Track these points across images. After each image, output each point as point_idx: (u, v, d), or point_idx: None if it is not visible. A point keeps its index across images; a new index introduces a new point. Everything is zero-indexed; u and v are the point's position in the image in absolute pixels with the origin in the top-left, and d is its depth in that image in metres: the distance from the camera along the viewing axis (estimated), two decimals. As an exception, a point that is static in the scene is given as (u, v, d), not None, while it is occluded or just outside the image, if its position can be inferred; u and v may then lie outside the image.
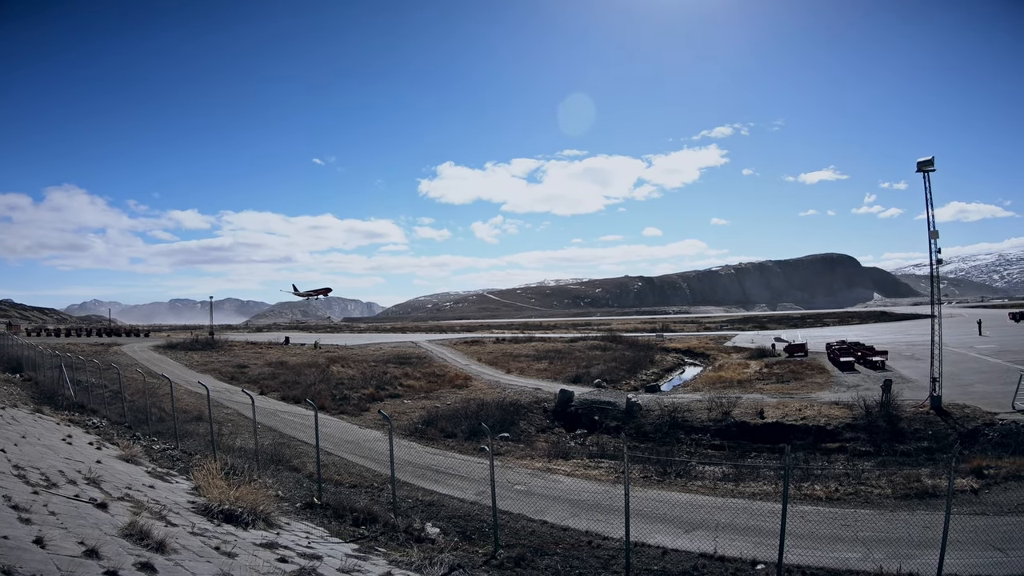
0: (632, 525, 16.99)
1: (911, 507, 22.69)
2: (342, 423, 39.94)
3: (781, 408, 40.28)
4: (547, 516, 21.51)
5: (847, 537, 19.60)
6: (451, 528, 19.59)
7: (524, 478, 27.57)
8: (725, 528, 20.03)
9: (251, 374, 61.57)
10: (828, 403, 40.83)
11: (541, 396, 48.23)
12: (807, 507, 22.87)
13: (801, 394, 45.23)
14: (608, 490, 24.27)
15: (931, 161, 38.24)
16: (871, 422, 35.88)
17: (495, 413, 41.42)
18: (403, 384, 54.48)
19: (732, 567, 17.00)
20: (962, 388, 42.48)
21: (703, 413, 40.30)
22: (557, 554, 17.67)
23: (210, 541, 11.40)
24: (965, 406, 37.37)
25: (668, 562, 17.29)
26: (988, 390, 41.77)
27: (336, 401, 46.09)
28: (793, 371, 56.92)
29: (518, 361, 71.90)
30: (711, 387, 51.01)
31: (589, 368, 63.86)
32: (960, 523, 19.59)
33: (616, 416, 42.16)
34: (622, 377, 61.61)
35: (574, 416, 43.80)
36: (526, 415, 43.90)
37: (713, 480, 27.87)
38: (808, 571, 16.66)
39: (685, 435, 38.45)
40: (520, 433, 40.23)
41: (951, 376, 44.49)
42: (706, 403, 41.58)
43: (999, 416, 34.99)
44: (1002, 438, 31.49)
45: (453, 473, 27.70)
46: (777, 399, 43.39)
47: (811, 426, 36.79)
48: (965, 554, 16.94)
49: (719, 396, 43.23)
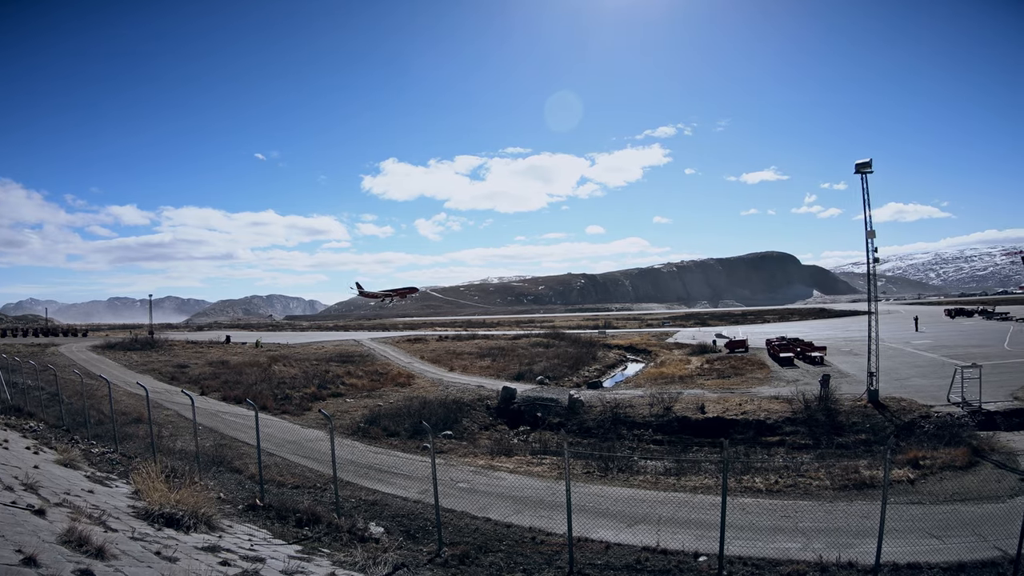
0: (575, 520, 17.27)
1: (850, 498, 23.47)
2: (284, 423, 39.62)
3: (722, 403, 41.13)
4: (491, 513, 21.69)
5: (787, 528, 20.29)
6: (395, 527, 19.61)
7: (467, 476, 27.75)
8: (667, 521, 20.43)
9: (192, 374, 60.48)
10: (768, 398, 41.80)
11: (484, 394, 48.45)
12: (748, 499, 23.58)
13: (741, 389, 46.20)
14: (551, 486, 24.49)
15: (869, 163, 39.55)
16: (810, 416, 36.88)
17: (438, 411, 41.56)
18: (345, 383, 54.05)
19: (675, 560, 17.26)
20: (899, 382, 43.99)
21: (645, 409, 40.88)
22: (501, 551, 17.81)
23: (151, 546, 11.28)
24: (902, 399, 38.74)
25: (611, 556, 17.53)
26: (924, 384, 43.35)
27: (278, 401, 45.59)
28: (734, 367, 58.01)
29: (461, 359, 71.93)
30: (653, 383, 51.55)
31: (532, 365, 64.17)
32: (897, 512, 20.46)
33: (559, 413, 42.56)
34: (565, 374, 61.96)
35: (517, 413, 44.11)
36: (469, 413, 44.01)
37: (655, 475, 28.32)
38: (750, 562, 17.07)
39: (627, 431, 38.92)
40: (463, 431, 40.39)
41: (888, 370, 45.93)
42: (648, 399, 42.16)
43: (935, 409, 36.36)
44: (937, 430, 32.58)
45: (396, 472, 27.78)
46: (718, 394, 44.30)
47: (751, 420, 37.63)
48: (903, 542, 17.64)
49: (661, 392, 43.81)
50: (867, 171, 39.61)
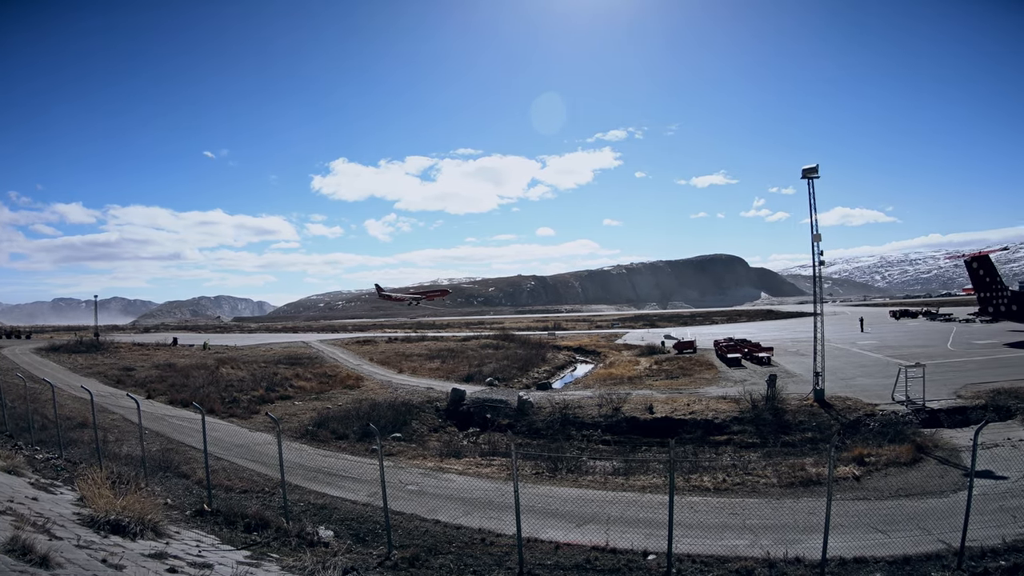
0: (525, 521, 17.45)
1: (796, 495, 23.96)
2: (232, 426, 39.09)
3: (670, 403, 41.64)
4: (440, 515, 21.70)
5: (735, 525, 20.63)
6: (344, 531, 19.56)
7: (416, 478, 27.74)
8: (616, 521, 20.66)
9: (138, 377, 59.38)
10: (716, 398, 42.45)
11: (433, 395, 48.37)
12: (696, 498, 23.87)
13: (690, 389, 46.78)
14: (500, 487, 24.61)
15: (815, 168, 40.52)
16: (757, 415, 37.59)
17: (387, 413, 41.40)
18: (294, 385, 53.51)
19: (624, 558, 17.47)
20: (845, 382, 45.06)
21: (594, 409, 41.21)
22: (451, 553, 17.88)
23: (96, 553, 11.17)
24: (847, 398, 39.71)
25: (561, 556, 17.69)
26: (869, 383, 44.44)
27: (226, 404, 44.96)
28: (682, 367, 58.80)
29: (410, 360, 71.84)
30: (602, 384, 52.00)
31: (481, 367, 64.30)
32: (844, 508, 21.06)
33: (508, 414, 42.74)
34: (514, 375, 62.19)
35: (466, 415, 44.18)
36: (418, 415, 43.91)
37: (604, 475, 28.62)
38: (698, 559, 17.32)
39: (577, 431, 39.24)
40: (412, 433, 40.30)
41: (834, 370, 47.06)
42: (597, 400, 42.51)
43: (879, 407, 37.37)
44: (882, 427, 33.52)
45: (345, 475, 27.68)
46: (666, 395, 44.80)
47: (699, 420, 38.18)
48: (849, 537, 18.07)
49: (610, 392, 44.24)
50: (814, 176, 40.55)
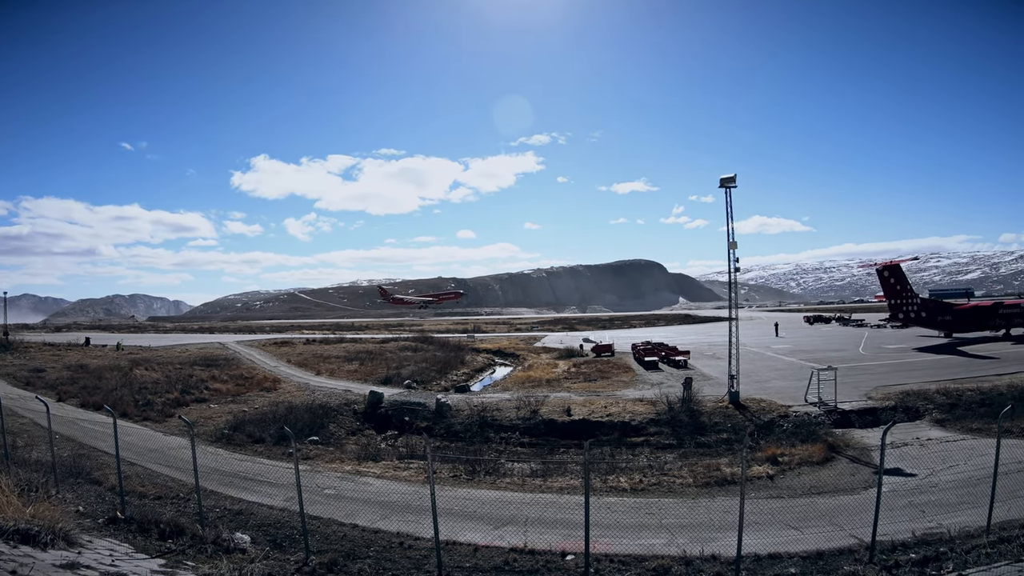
0: (443, 524, 17.31)
1: (712, 494, 24.44)
2: (146, 430, 37.82)
3: (588, 406, 41.84)
4: (358, 519, 21.41)
5: (652, 525, 20.94)
6: (261, 537, 19.14)
7: (334, 482, 27.34)
8: (535, 522, 20.62)
9: (48, 379, 56.90)
10: (633, 400, 42.77)
11: (351, 398, 47.58)
12: (613, 498, 24.17)
13: (607, 392, 47.12)
14: (418, 491, 24.38)
15: (733, 178, 41.37)
16: (674, 417, 38.05)
17: (304, 416, 40.72)
18: (210, 388, 52.03)
19: (543, 559, 17.52)
20: (760, 384, 46.07)
21: (512, 412, 41.16)
22: (369, 557, 17.69)
23: (5, 564, 10.66)
24: (762, 400, 40.55)
25: (480, 558, 17.67)
26: (783, 385, 45.59)
27: (139, 407, 43.42)
28: (600, 370, 59.25)
29: (329, 362, 70.85)
30: (521, 386, 52.11)
31: (400, 369, 63.89)
32: (758, 506, 21.55)
33: (426, 417, 42.33)
34: (433, 378, 61.91)
35: (384, 417, 43.59)
36: (336, 418, 43.21)
37: (522, 477, 28.74)
38: (616, 559, 17.47)
39: (495, 434, 39.12)
40: (330, 436, 39.59)
41: (750, 373, 48.04)
42: (515, 402, 42.47)
43: (793, 409, 38.33)
44: (795, 428, 34.55)
45: (262, 480, 27.10)
46: (584, 397, 45.03)
47: (617, 422, 38.39)
48: (764, 534, 18.51)
49: (528, 395, 44.27)
50: (731, 185, 41.40)
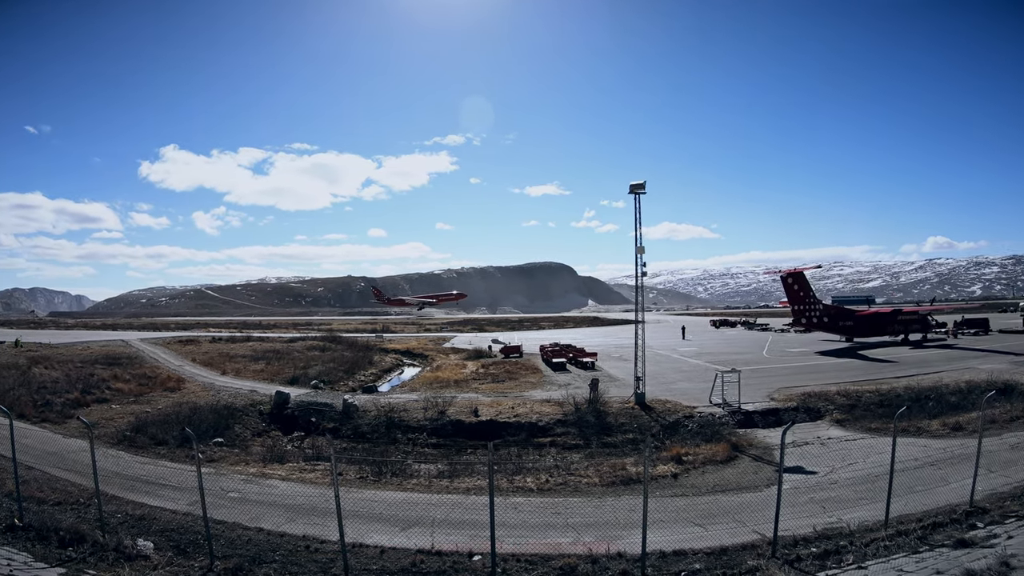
0: (350, 526, 17.28)
1: (618, 493, 24.72)
2: (45, 432, 36.04)
3: (495, 406, 41.83)
4: (263, 523, 20.98)
5: (558, 524, 21.06)
6: (165, 543, 18.59)
7: (239, 485, 26.68)
8: (442, 523, 20.65)
9: None
10: (540, 401, 42.97)
11: (257, 398, 46.43)
12: (520, 498, 24.29)
13: (515, 393, 47.27)
14: (324, 493, 24.00)
15: (643, 185, 42.28)
16: (580, 417, 38.32)
17: (209, 417, 39.48)
18: (112, 387, 49.89)
19: (450, 560, 17.58)
20: (665, 386, 46.84)
21: (420, 413, 40.85)
22: (275, 561, 17.49)
23: None
24: (667, 401, 41.25)
25: (387, 560, 17.60)
26: (689, 387, 46.49)
27: (38, 408, 41.34)
28: (508, 371, 59.51)
29: (235, 362, 69.15)
30: (429, 387, 51.85)
31: (307, 369, 62.89)
32: (663, 505, 21.95)
33: (333, 417, 41.69)
34: (340, 378, 61.08)
35: (291, 418, 42.73)
36: (241, 419, 42.04)
37: (429, 478, 28.52)
38: (523, 558, 17.62)
39: (402, 435, 38.76)
40: (235, 438, 38.50)
41: (656, 375, 48.82)
42: (423, 403, 42.16)
43: (698, 409, 39.07)
44: (700, 428, 35.30)
45: (165, 483, 26.12)
46: (492, 398, 45.02)
47: (524, 423, 38.48)
48: (669, 531, 18.88)
49: (436, 396, 43.98)
50: (640, 192, 42.33)
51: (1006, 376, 45.70)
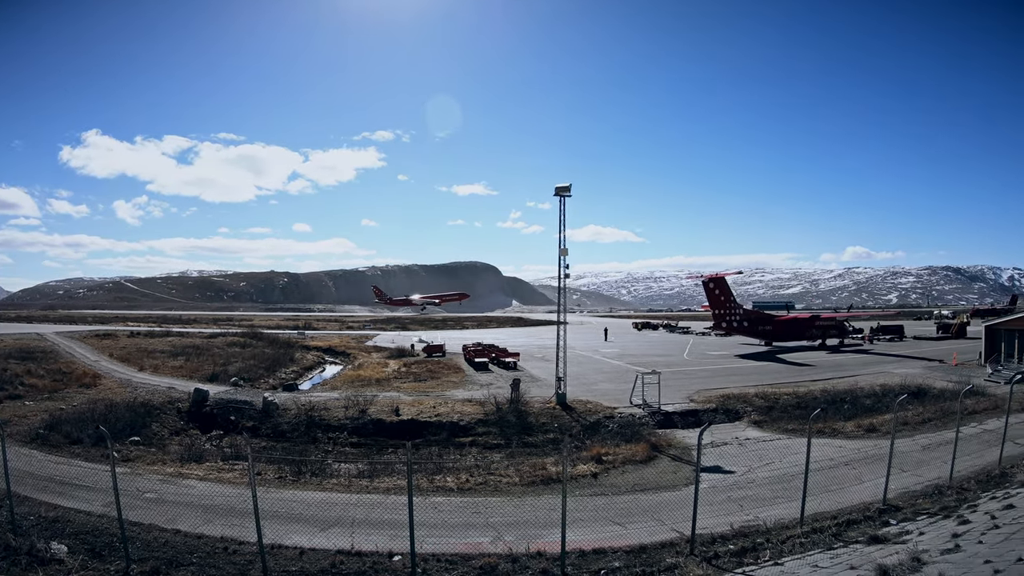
0: (269, 527, 17.06)
1: (538, 492, 24.83)
2: None
3: (416, 405, 41.73)
4: (180, 524, 20.43)
5: (479, 523, 21.05)
6: (79, 546, 17.98)
7: (155, 485, 25.95)
8: (361, 523, 20.48)
9: None
10: (462, 400, 43.09)
11: (176, 396, 45.30)
12: (440, 498, 24.22)
13: (437, 392, 47.27)
14: (243, 493, 23.51)
15: (568, 188, 42.92)
16: (502, 417, 38.57)
17: (125, 415, 38.43)
18: (25, 383, 48.02)
19: (370, 561, 17.49)
20: (587, 386, 47.45)
21: (340, 411, 40.48)
22: (193, 564, 17.18)
23: None
24: (588, 402, 41.85)
25: (306, 562, 17.43)
26: (610, 388, 47.19)
27: None
28: (430, 370, 59.45)
29: (153, 357, 67.49)
30: (350, 385, 51.47)
31: (227, 366, 61.96)
32: (583, 504, 22.15)
33: (253, 416, 40.98)
34: (261, 375, 60.06)
35: (210, 416, 41.83)
36: (159, 417, 40.97)
37: (349, 477, 28.25)
38: (443, 558, 17.63)
39: (323, 434, 38.35)
40: (152, 436, 37.52)
41: (577, 376, 49.39)
42: (344, 401, 41.81)
43: (618, 410, 39.73)
44: (620, 428, 35.69)
45: (80, 484, 25.22)
46: (413, 397, 44.95)
47: (445, 422, 38.50)
48: (589, 530, 19.10)
49: (356, 394, 43.68)
50: (566, 195, 42.96)
51: (919, 380, 47.67)
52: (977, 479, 23.49)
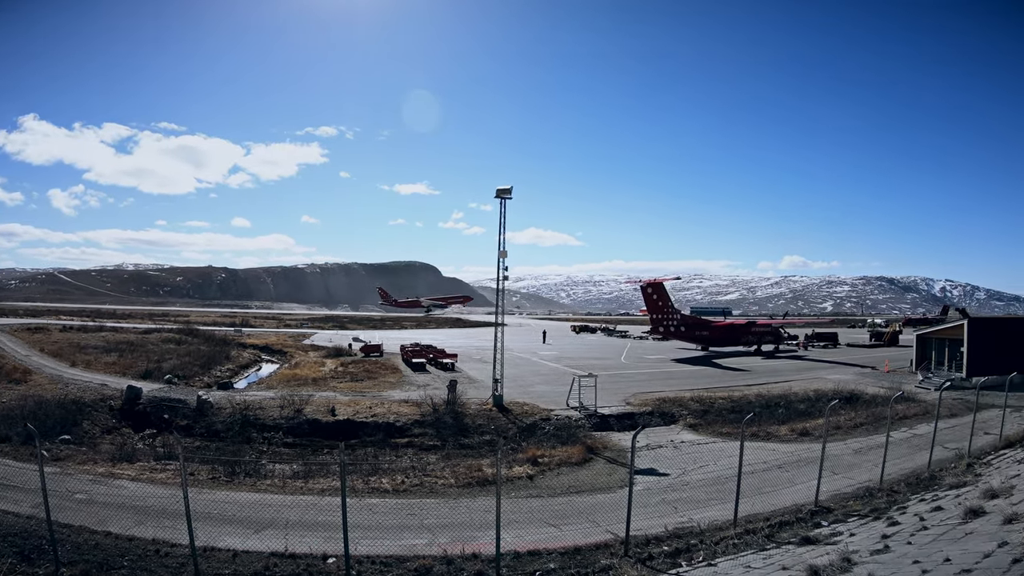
0: (201, 529, 16.87)
1: (473, 494, 24.83)
2: None
3: (353, 406, 41.44)
4: (111, 526, 19.91)
5: (414, 525, 21.01)
6: (7, 549, 17.45)
7: (86, 485, 25.26)
8: (296, 525, 20.30)
9: None
10: (399, 401, 42.93)
11: (108, 393, 44.19)
12: (375, 500, 24.08)
13: (373, 392, 46.96)
14: (175, 493, 22.85)
15: (509, 190, 43.10)
16: (438, 418, 38.54)
17: (56, 412, 37.34)
18: None
19: (304, 563, 17.34)
20: (524, 388, 47.65)
21: (276, 411, 40.05)
22: (124, 567, 16.81)
23: None
24: (525, 404, 42.02)
25: (239, 564, 17.21)
26: (547, 390, 47.41)
27: None
28: (368, 371, 59.05)
29: (86, 353, 65.96)
30: (286, 385, 50.89)
31: (161, 363, 60.76)
32: (518, 506, 22.22)
33: (187, 415, 40.30)
34: (196, 373, 58.95)
35: (143, 415, 40.99)
36: (91, 414, 39.93)
37: (283, 478, 27.91)
38: (378, 560, 17.53)
39: (257, 433, 37.86)
40: (83, 435, 36.55)
41: (515, 378, 49.60)
42: (279, 401, 41.43)
43: (555, 412, 39.98)
44: (556, 431, 36.00)
45: (7, 484, 24.32)
46: (350, 397, 44.59)
47: (381, 423, 38.32)
48: (525, 532, 19.29)
49: (292, 394, 43.32)
50: (507, 196, 43.08)
51: (851, 386, 48.92)
52: (907, 482, 24.11)
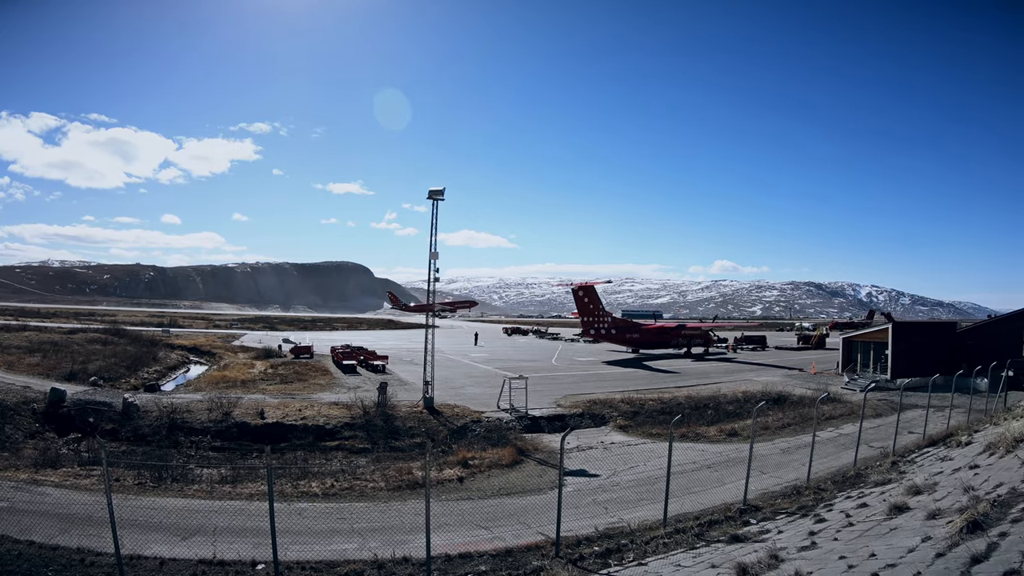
0: (127, 536, 16.62)
1: (404, 497, 24.80)
2: None
3: (282, 408, 40.90)
4: (34, 535, 19.34)
5: (344, 529, 20.89)
6: None
7: (7, 492, 24.45)
8: (224, 531, 20.00)
9: None
10: (329, 403, 42.47)
11: (31, 396, 42.68)
12: (305, 504, 23.84)
13: (303, 395, 46.49)
14: (100, 500, 22.29)
15: (442, 191, 43.13)
16: (368, 421, 38.27)
17: (-26, 416, 35.92)
18: None
19: (233, 570, 17.20)
20: (455, 390, 47.68)
21: (204, 414, 39.26)
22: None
23: None
24: (456, 406, 42.02)
25: (166, 573, 17.01)
26: (478, 392, 47.53)
27: None
28: (298, 372, 58.51)
29: (7, 353, 63.47)
30: (215, 387, 49.92)
31: (87, 364, 58.99)
32: (449, 508, 22.28)
33: (113, 418, 39.20)
34: (122, 375, 57.67)
35: (67, 418, 39.72)
36: (12, 418, 38.56)
37: (211, 483, 27.45)
38: (307, 566, 17.46)
39: (185, 437, 37.07)
40: (5, 439, 35.31)
41: (447, 380, 49.56)
42: (207, 404, 40.60)
43: (486, 414, 40.09)
44: (487, 433, 36.05)
45: None
46: (279, 399, 44.02)
47: (311, 425, 37.90)
48: (455, 534, 19.41)
49: (221, 396, 42.41)
50: (439, 198, 43.09)
51: (779, 388, 50.07)
52: (833, 480, 24.78)
